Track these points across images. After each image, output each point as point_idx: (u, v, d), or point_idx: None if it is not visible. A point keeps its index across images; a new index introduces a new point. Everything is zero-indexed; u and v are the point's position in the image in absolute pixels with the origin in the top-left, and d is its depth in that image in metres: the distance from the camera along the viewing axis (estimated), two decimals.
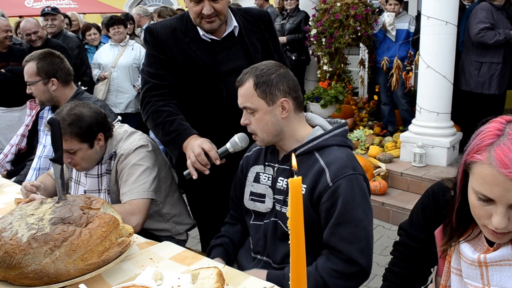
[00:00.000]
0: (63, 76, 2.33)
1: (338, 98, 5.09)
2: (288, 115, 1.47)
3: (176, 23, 1.89)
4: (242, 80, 1.50)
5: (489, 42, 4.14)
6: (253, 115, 1.49)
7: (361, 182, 1.42)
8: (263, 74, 1.46)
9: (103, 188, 1.87)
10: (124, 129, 1.96)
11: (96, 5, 9.57)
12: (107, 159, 1.86)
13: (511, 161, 0.90)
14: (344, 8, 5.00)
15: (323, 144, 1.46)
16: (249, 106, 1.48)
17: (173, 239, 2.04)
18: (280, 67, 1.50)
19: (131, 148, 1.84)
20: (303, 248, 0.66)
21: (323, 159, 1.44)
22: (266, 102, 1.46)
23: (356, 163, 1.45)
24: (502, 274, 1.04)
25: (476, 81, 4.34)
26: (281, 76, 1.47)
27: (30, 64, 2.31)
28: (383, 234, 3.64)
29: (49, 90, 2.31)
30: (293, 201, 0.64)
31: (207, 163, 1.65)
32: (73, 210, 1.29)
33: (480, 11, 4.22)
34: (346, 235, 1.37)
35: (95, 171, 1.88)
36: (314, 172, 1.42)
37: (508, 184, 0.91)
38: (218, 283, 1.13)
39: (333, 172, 1.39)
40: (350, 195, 1.37)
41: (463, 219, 1.10)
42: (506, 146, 0.92)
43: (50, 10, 4.67)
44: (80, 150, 1.79)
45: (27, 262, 1.16)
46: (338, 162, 1.41)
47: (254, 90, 1.46)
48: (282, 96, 1.46)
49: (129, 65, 4.65)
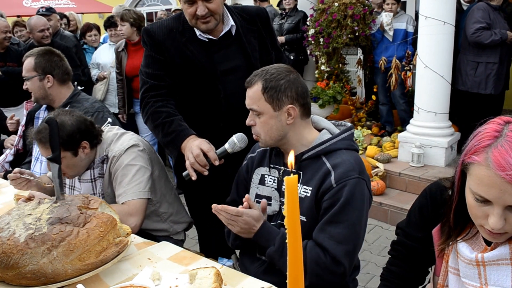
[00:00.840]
0: (60, 74, 2.32)
1: (336, 98, 5.10)
2: (293, 121, 1.47)
3: (173, 23, 1.88)
4: (251, 81, 1.49)
5: (485, 42, 4.16)
6: (259, 118, 1.49)
7: (363, 188, 1.41)
8: (272, 79, 1.45)
9: (97, 192, 1.87)
10: (114, 132, 1.95)
11: (94, 4, 9.56)
12: (99, 163, 1.85)
13: (508, 163, 0.90)
14: (342, 8, 5.00)
15: (331, 148, 1.46)
16: (255, 108, 1.48)
17: (171, 239, 2.04)
18: (290, 73, 1.49)
19: (122, 149, 1.82)
20: (300, 247, 0.66)
21: (330, 162, 1.43)
22: (273, 107, 1.45)
23: (362, 168, 1.44)
24: (500, 273, 1.04)
25: (473, 81, 4.36)
26: (290, 82, 1.46)
27: (28, 59, 2.31)
28: (381, 235, 3.64)
29: (45, 87, 2.30)
30: (289, 199, 0.64)
31: (205, 164, 1.65)
32: (71, 210, 1.28)
33: (477, 11, 4.24)
34: (335, 234, 1.36)
35: (88, 175, 1.86)
36: (320, 175, 1.42)
37: (505, 186, 0.91)
38: (216, 283, 1.13)
39: (339, 174, 1.39)
40: (351, 198, 1.37)
41: (461, 219, 1.10)
42: (503, 148, 0.91)
43: (44, 11, 4.67)
44: (64, 158, 1.75)
45: (24, 262, 1.16)
46: (345, 165, 1.41)
47: (261, 94, 1.45)
48: (289, 102, 1.45)
49: None
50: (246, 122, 1.53)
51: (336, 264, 1.36)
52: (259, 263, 1.59)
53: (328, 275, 1.38)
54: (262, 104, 1.46)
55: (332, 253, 1.36)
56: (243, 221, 1.43)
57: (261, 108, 1.47)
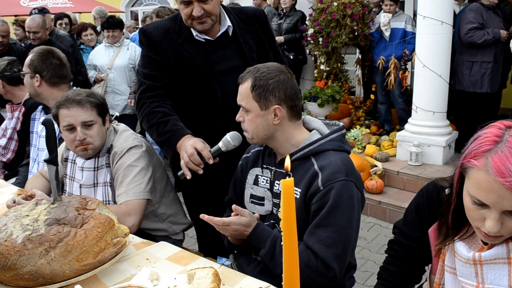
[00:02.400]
0: (48, 76, 2.30)
1: (335, 98, 5.10)
2: (280, 122, 1.46)
3: (169, 24, 1.88)
4: (243, 78, 1.50)
5: (478, 42, 4.22)
6: (247, 115, 1.49)
7: (352, 189, 1.39)
8: (262, 77, 1.45)
9: (101, 182, 1.86)
10: (120, 127, 1.98)
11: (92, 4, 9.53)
12: (105, 152, 1.86)
13: (508, 170, 0.89)
14: (341, 7, 5.01)
15: (319, 149, 1.45)
16: (243, 105, 1.49)
17: (170, 239, 2.04)
18: (281, 73, 1.47)
19: (125, 147, 1.83)
20: (295, 248, 0.66)
21: (318, 163, 1.42)
22: (260, 106, 1.45)
23: (351, 169, 1.42)
24: (497, 272, 1.04)
25: (468, 80, 4.40)
26: (279, 83, 1.45)
27: (29, 55, 2.34)
28: (380, 233, 3.65)
29: (34, 85, 2.31)
30: (285, 202, 0.64)
31: (200, 162, 1.65)
32: (68, 211, 1.28)
33: (469, 12, 4.31)
34: (324, 238, 1.36)
35: (91, 164, 1.87)
36: (308, 177, 1.42)
37: (503, 191, 0.91)
38: (214, 283, 1.13)
39: (325, 176, 1.38)
40: (338, 201, 1.36)
41: (459, 219, 1.10)
42: (503, 154, 0.91)
43: (37, 12, 4.66)
44: (96, 124, 1.81)
45: (22, 263, 1.16)
46: (331, 167, 1.39)
47: (250, 92, 1.46)
48: (276, 103, 1.44)
49: (125, 65, 4.62)
50: (236, 118, 1.54)
51: (327, 268, 1.36)
52: (255, 263, 1.60)
53: (318, 278, 1.38)
54: (250, 101, 1.46)
55: (321, 257, 1.36)
56: (232, 229, 1.48)
57: (248, 106, 1.47)
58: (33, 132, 2.49)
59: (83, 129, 1.78)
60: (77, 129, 1.78)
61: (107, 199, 1.83)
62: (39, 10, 4.72)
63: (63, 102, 1.80)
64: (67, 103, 1.79)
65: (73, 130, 1.80)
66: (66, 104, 1.79)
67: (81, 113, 1.78)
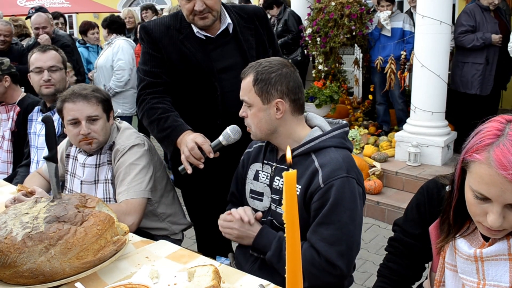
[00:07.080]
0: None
1: (333, 98, 5.10)
2: (283, 116, 1.46)
3: (170, 21, 1.89)
4: (245, 73, 1.50)
5: (467, 46, 4.29)
6: (250, 109, 1.49)
7: (353, 186, 1.39)
8: (264, 71, 1.45)
9: (102, 179, 1.85)
10: (123, 124, 1.99)
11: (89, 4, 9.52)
12: (107, 149, 1.86)
13: (510, 162, 0.90)
14: (338, 7, 5.00)
15: (320, 145, 1.44)
16: (246, 100, 1.49)
17: (169, 238, 2.04)
18: (283, 67, 1.47)
19: (127, 146, 1.83)
20: (298, 242, 0.66)
21: (318, 160, 1.42)
22: (262, 100, 1.45)
23: (351, 166, 1.42)
24: (498, 269, 1.04)
25: (460, 81, 4.45)
26: (282, 76, 1.45)
27: (53, 51, 2.41)
28: (379, 233, 3.65)
29: (66, 80, 2.43)
30: (287, 194, 0.63)
31: (201, 156, 1.65)
32: (68, 209, 1.28)
33: (463, 14, 4.38)
34: (327, 236, 1.36)
35: (93, 160, 1.86)
36: (309, 173, 1.41)
37: (505, 185, 0.91)
38: (214, 281, 1.13)
39: (326, 173, 1.38)
40: (339, 198, 1.36)
41: (460, 216, 1.10)
42: (505, 147, 0.91)
43: (33, 12, 4.66)
44: (101, 120, 1.81)
45: (22, 261, 1.15)
46: (332, 163, 1.39)
47: (252, 86, 1.46)
48: (279, 96, 1.44)
49: (104, 65, 4.61)
50: (239, 114, 1.54)
51: (331, 266, 1.36)
52: (252, 259, 1.59)
53: (325, 276, 1.38)
54: (252, 96, 1.46)
55: (324, 255, 1.35)
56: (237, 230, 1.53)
57: (251, 100, 1.47)
58: (30, 133, 2.48)
59: (88, 124, 1.78)
60: (81, 123, 1.78)
61: (108, 197, 1.83)
62: (36, 10, 4.71)
63: (69, 96, 1.79)
64: (73, 97, 1.79)
65: (77, 124, 1.79)
66: (72, 98, 1.79)
67: (87, 108, 1.78)
